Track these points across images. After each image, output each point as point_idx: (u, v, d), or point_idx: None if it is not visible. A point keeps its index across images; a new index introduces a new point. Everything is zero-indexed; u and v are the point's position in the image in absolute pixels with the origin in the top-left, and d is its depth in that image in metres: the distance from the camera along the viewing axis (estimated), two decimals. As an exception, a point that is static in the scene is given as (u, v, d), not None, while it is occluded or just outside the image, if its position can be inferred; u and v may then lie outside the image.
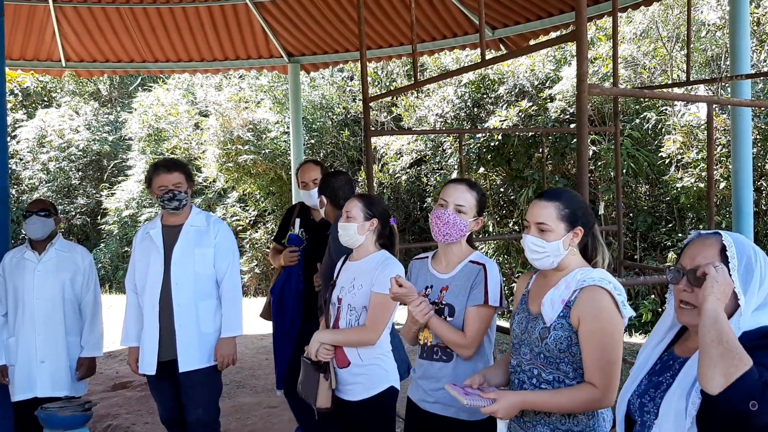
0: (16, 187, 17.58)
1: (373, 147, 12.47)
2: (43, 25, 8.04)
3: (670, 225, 9.52)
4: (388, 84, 14.23)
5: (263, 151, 14.35)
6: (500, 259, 10.47)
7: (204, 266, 3.42)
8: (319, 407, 2.79)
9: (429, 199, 12.41)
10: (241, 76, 15.83)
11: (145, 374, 3.40)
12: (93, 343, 3.71)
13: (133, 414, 5.16)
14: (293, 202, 9.49)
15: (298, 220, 3.98)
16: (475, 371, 2.35)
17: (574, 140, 8.79)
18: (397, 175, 12.95)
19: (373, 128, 11.40)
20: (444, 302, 2.48)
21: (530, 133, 9.88)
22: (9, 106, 18.49)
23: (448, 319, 2.45)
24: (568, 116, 9.86)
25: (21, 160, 18.35)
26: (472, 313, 2.42)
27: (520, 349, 2.14)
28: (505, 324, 2.58)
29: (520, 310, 2.21)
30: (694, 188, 8.72)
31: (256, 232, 14.87)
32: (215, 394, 3.47)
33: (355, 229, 2.82)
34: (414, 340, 2.57)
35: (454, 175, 11.64)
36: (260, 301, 11.08)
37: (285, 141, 14.06)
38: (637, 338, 7.86)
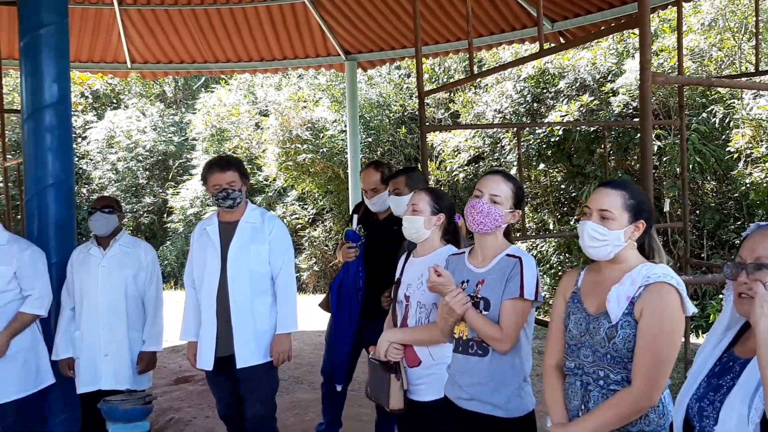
0: (86, 186, 18.25)
1: (429, 144, 12.42)
2: (109, 27, 8.30)
3: (738, 222, 9.13)
4: (445, 80, 14.13)
5: (321, 150, 14.48)
6: (561, 257, 10.25)
7: (259, 263, 3.45)
8: (392, 409, 2.74)
9: (486, 198, 12.24)
10: (299, 76, 16.01)
11: (203, 369, 3.45)
12: (154, 338, 3.78)
13: (195, 408, 5.26)
14: (350, 200, 9.56)
15: (356, 217, 3.96)
16: (512, 366, 2.34)
17: (638, 135, 8.51)
18: (454, 173, 12.84)
19: (429, 124, 11.34)
20: (479, 296, 2.43)
21: (592, 128, 9.62)
22: (80, 108, 19.25)
23: (484, 312, 2.39)
24: (631, 110, 9.56)
25: (91, 160, 19.06)
26: (507, 306, 2.36)
27: (580, 351, 2.08)
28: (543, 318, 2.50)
29: (575, 310, 2.13)
30: (765, 184, 8.34)
31: (315, 230, 15.02)
32: (272, 389, 3.50)
33: (421, 222, 2.76)
34: (449, 334, 2.52)
35: (513, 172, 11.46)
36: (319, 298, 11.20)
37: (342, 139, 14.14)
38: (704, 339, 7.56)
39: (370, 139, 14.73)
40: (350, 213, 4.37)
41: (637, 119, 8.40)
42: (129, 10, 8.02)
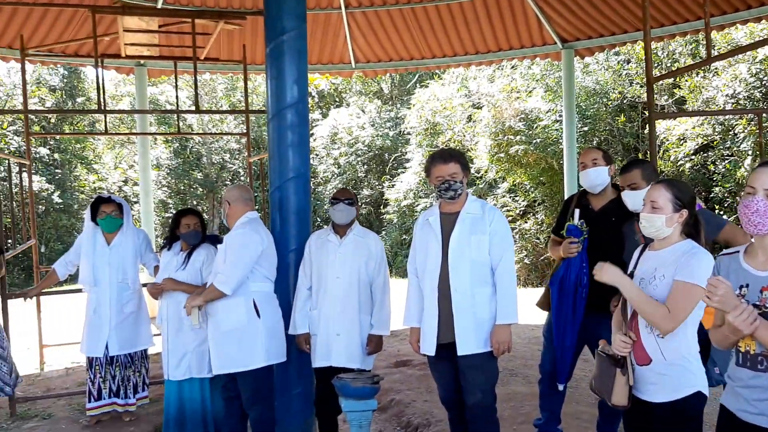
0: (312, 179, 19.76)
1: (654, 133, 11.64)
2: (337, 30, 8.89)
3: None
4: (669, 65, 13.14)
5: (534, 141, 14.23)
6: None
7: (479, 253, 3.48)
8: (614, 404, 2.66)
9: (717, 189, 11.20)
10: (513, 66, 15.85)
11: (425, 354, 3.59)
12: (382, 322, 3.99)
13: (413, 391, 5.48)
14: (565, 192, 9.29)
15: (577, 211, 3.84)
16: None
17: None
18: (679, 163, 11.91)
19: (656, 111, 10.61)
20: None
21: None
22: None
23: None
24: None
25: (317, 155, 20.57)
26: None
27: None
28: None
29: None
30: None
31: (526, 222, 14.81)
32: (492, 379, 3.53)
33: (663, 221, 2.60)
34: (729, 346, 2.30)
35: (748, 163, 10.34)
36: (530, 292, 11.03)
37: (556, 129, 13.76)
38: None
39: (585, 129, 14.17)
40: (561, 209, 4.23)
41: None
42: (354, 13, 8.51)
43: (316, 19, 8.54)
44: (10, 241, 7.13)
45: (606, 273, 2.64)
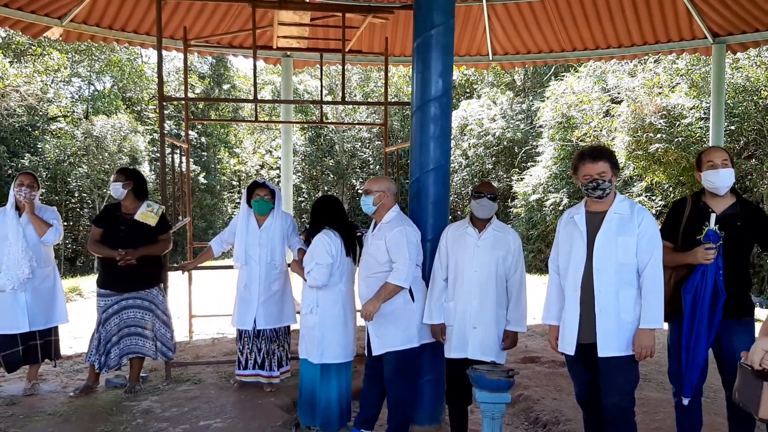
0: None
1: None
2: (476, 22, 8.88)
3: None
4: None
5: (676, 139, 13.54)
6: None
7: (626, 255, 3.41)
8: (761, 417, 2.55)
9: None
10: (656, 60, 15.13)
11: (564, 353, 3.57)
12: (518, 318, 4.00)
13: (542, 388, 5.44)
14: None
15: (714, 215, 3.65)
16: None
17: None
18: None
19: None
20: None
21: None
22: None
23: None
24: None
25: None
26: None
27: None
28: None
29: None
30: None
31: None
32: (632, 383, 3.45)
33: None
34: None
35: None
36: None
37: (701, 128, 13.02)
38: None
39: (732, 128, 13.30)
40: (670, 212, 3.99)
41: None
42: (495, 5, 8.47)
43: (456, 11, 8.57)
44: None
45: None
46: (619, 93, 15.96)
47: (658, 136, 13.82)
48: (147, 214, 5.16)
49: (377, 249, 4.15)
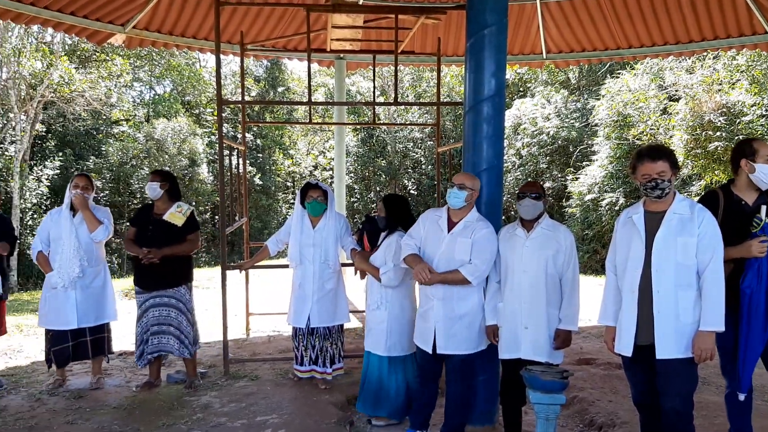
0: (494, 170, 19.76)
1: None
2: (529, 21, 8.80)
3: None
4: None
5: (736, 137, 13.11)
6: None
7: (685, 255, 3.34)
8: None
9: None
10: (715, 57, 14.68)
11: (620, 354, 3.53)
12: (570, 317, 3.96)
13: (597, 390, 5.37)
14: None
15: (764, 207, 3.56)
16: None
17: None
18: None
19: None
20: None
21: None
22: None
23: None
24: None
25: (499, 146, 20.45)
26: None
27: None
28: None
29: None
30: None
31: (725, 223, 13.72)
32: (691, 386, 3.39)
33: None
34: None
35: None
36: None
37: (762, 125, 12.59)
38: None
39: (798, 125, 12.82)
40: (709, 203, 3.82)
41: None
42: (549, 3, 8.38)
43: (509, 10, 8.51)
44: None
45: None
46: (676, 90, 15.56)
47: (718, 134, 13.42)
48: (175, 214, 5.33)
49: (462, 246, 4.09)
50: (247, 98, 21.68)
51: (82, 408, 4.92)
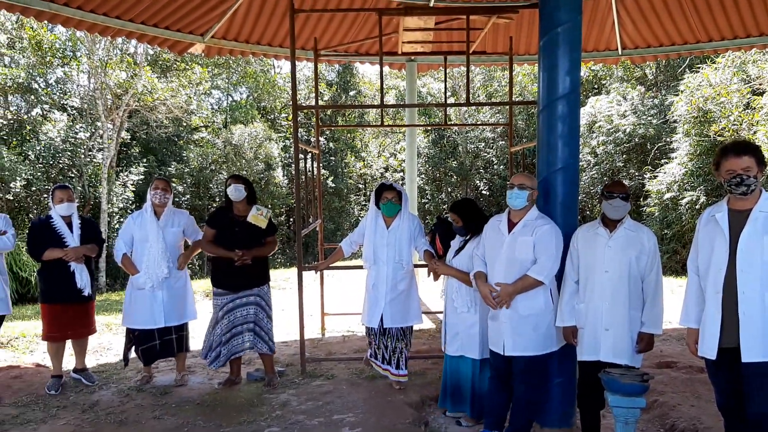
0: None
1: None
2: (604, 17, 8.61)
3: None
4: None
5: (830, 131, 12.43)
6: None
7: (772, 255, 3.23)
8: None
9: None
10: (804, 47, 13.93)
11: (704, 357, 3.42)
12: (654, 320, 3.86)
13: (678, 394, 5.21)
14: None
15: None
16: None
17: None
18: None
19: None
20: None
21: None
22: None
23: None
24: None
25: (573, 145, 20.07)
26: None
27: None
28: None
29: None
30: None
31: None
32: (779, 391, 3.26)
33: None
34: None
35: None
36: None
37: None
38: None
39: None
40: None
41: None
42: (625, -1, 8.18)
43: (584, 7, 8.36)
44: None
45: None
46: (761, 84, 14.86)
47: (809, 127, 12.75)
48: (257, 217, 5.50)
49: (524, 246, 4.09)
50: (320, 103, 22.07)
51: (167, 404, 5.14)
